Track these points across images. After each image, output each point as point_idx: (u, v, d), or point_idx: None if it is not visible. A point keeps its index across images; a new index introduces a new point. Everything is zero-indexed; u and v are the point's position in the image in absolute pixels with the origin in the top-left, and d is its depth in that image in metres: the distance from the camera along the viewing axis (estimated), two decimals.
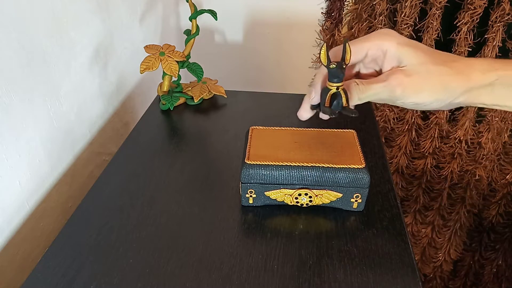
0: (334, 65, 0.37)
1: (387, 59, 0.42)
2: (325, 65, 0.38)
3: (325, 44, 0.38)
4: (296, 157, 0.48)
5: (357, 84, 0.41)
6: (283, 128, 0.54)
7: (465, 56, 0.84)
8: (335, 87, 0.38)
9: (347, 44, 0.38)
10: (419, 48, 0.41)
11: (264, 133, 0.53)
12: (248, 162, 0.48)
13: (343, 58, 0.38)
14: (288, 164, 0.47)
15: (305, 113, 0.45)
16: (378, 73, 0.44)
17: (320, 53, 0.38)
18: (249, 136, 0.53)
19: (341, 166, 0.47)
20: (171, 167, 0.59)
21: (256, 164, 0.48)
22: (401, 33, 0.85)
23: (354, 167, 0.47)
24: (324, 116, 0.44)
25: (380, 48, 0.42)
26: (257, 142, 0.51)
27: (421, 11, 0.83)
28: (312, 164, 0.47)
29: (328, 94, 0.39)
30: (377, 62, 0.43)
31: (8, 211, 0.53)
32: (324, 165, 0.47)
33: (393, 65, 0.42)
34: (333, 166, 0.47)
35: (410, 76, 0.40)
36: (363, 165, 0.48)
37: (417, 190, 1.04)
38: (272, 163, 0.48)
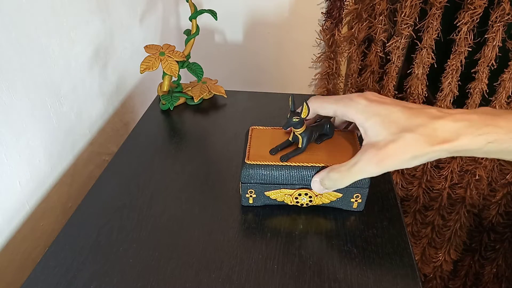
0: (297, 119, 0.46)
1: (357, 126, 0.42)
2: (294, 116, 0.46)
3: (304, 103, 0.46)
4: (296, 157, 0.48)
5: (334, 172, 0.44)
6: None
7: (465, 57, 0.84)
8: (298, 132, 0.48)
9: (304, 103, 0.46)
10: (390, 116, 0.39)
11: (264, 133, 0.53)
12: (248, 162, 0.48)
13: (300, 113, 0.46)
14: (288, 164, 0.47)
15: None
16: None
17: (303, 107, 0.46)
18: (249, 136, 0.52)
19: None
20: (171, 167, 0.59)
21: (256, 164, 0.48)
22: (401, 33, 0.85)
23: None
24: None
25: (346, 116, 0.43)
26: (257, 142, 0.51)
27: (421, 11, 0.83)
28: (312, 164, 0.47)
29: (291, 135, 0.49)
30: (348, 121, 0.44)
31: (8, 211, 0.53)
32: (324, 165, 0.47)
33: (362, 133, 0.42)
34: None
35: (383, 149, 0.38)
36: None
37: (417, 190, 1.04)
38: (272, 163, 0.48)
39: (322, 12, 0.96)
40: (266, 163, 0.48)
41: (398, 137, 0.37)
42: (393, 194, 0.54)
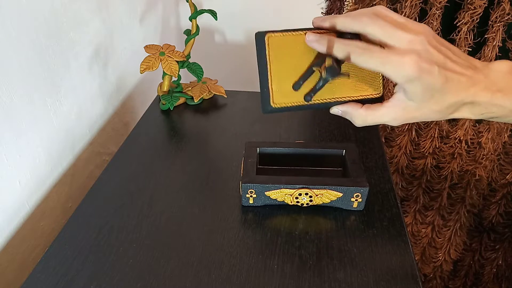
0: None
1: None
2: None
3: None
4: (320, 92, 0.43)
5: (363, 109, 0.42)
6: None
7: None
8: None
9: None
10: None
11: (284, 46, 0.42)
12: (274, 106, 0.42)
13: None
14: (314, 103, 0.43)
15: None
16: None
17: None
18: (267, 57, 0.43)
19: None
20: (171, 167, 0.59)
21: (282, 107, 0.42)
22: None
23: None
24: None
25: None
26: (278, 66, 0.43)
27: (421, 11, 0.83)
28: (337, 99, 0.43)
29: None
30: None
31: (8, 211, 0.53)
32: (350, 99, 0.43)
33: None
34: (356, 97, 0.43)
35: (412, 99, 0.39)
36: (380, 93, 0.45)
37: (417, 190, 1.03)
38: (298, 103, 0.42)
39: (322, 12, 0.96)
40: (291, 105, 0.42)
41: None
42: (393, 194, 0.54)
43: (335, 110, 0.44)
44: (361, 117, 0.42)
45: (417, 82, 0.38)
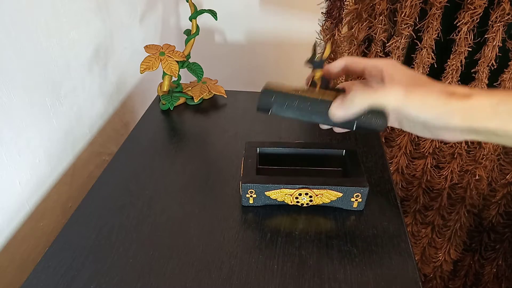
0: (318, 58, 0.47)
1: (385, 77, 0.42)
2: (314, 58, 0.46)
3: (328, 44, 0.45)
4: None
5: (357, 89, 0.43)
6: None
7: (465, 57, 0.84)
8: (316, 77, 0.48)
9: (328, 43, 0.45)
10: (416, 76, 0.42)
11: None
12: (267, 88, 0.47)
13: (322, 54, 0.46)
14: (306, 95, 0.46)
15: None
16: None
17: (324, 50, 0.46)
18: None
19: None
20: (171, 167, 0.59)
21: (275, 90, 0.46)
22: (401, 33, 0.85)
23: None
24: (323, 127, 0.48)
25: (376, 66, 0.43)
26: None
27: (421, 11, 0.83)
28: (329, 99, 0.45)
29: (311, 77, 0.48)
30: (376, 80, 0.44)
31: (8, 211, 0.53)
32: None
33: (387, 76, 0.43)
34: None
35: (411, 86, 0.40)
36: None
37: (417, 190, 1.03)
38: (292, 92, 0.46)
39: (322, 12, 0.96)
40: (285, 91, 0.46)
41: (424, 84, 0.41)
42: (393, 194, 0.54)
43: (337, 101, 0.45)
44: (362, 94, 0.42)
45: (401, 69, 0.43)
